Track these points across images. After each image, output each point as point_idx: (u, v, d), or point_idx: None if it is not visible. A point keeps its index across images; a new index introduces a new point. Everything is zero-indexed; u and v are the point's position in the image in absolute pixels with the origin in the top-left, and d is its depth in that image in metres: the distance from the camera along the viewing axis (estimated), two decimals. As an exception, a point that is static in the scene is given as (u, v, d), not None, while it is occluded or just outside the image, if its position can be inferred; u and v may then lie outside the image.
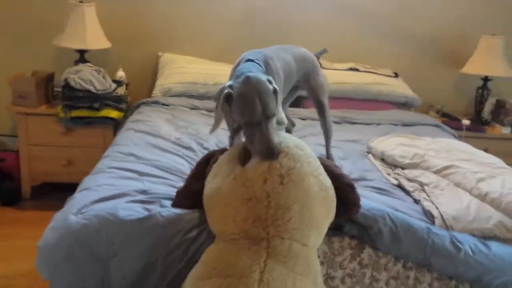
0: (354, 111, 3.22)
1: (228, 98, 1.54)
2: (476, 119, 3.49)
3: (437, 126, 3.15)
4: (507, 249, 1.67)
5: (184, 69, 3.26)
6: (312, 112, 3.14)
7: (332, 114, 3.12)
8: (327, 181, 1.56)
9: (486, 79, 3.46)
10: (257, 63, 1.69)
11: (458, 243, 1.64)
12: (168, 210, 1.63)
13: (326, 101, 2.24)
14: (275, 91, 1.55)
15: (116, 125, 3.01)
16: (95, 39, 3.18)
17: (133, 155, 2.13)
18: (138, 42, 3.46)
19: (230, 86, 1.54)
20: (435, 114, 3.58)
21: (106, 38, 3.26)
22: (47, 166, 3.04)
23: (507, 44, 3.41)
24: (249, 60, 1.69)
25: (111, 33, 3.30)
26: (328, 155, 2.29)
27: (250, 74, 1.53)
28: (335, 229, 1.66)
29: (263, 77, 1.54)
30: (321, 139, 2.70)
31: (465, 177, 1.99)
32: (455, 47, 3.62)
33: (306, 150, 1.59)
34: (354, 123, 3.10)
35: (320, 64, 2.95)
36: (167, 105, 3.02)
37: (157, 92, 3.18)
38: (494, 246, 1.67)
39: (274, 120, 1.55)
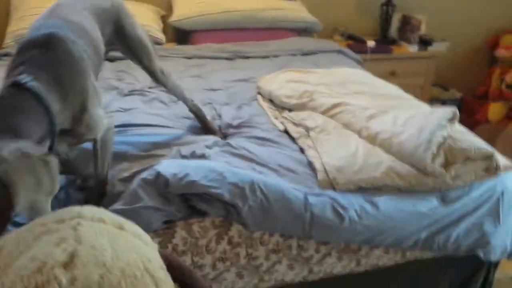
0: (248, 43, 2.84)
1: None
2: (382, 39, 3.22)
3: (339, 52, 2.85)
4: (397, 204, 1.43)
5: (41, 10, 2.69)
6: (201, 49, 2.76)
7: (222, 49, 2.77)
8: None
9: (389, -7, 3.15)
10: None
11: (341, 210, 1.37)
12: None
13: (154, 63, 1.70)
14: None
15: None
16: None
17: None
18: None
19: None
20: (340, 37, 3.28)
21: None
22: None
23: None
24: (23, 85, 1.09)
25: None
26: (196, 109, 1.89)
27: None
28: (195, 213, 1.35)
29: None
30: (206, 82, 2.35)
31: (355, 115, 1.72)
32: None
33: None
34: (248, 57, 2.73)
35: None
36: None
37: (8, 40, 2.63)
38: (383, 203, 1.42)
39: None
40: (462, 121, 1.48)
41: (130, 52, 1.68)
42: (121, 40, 1.64)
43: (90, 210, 0.75)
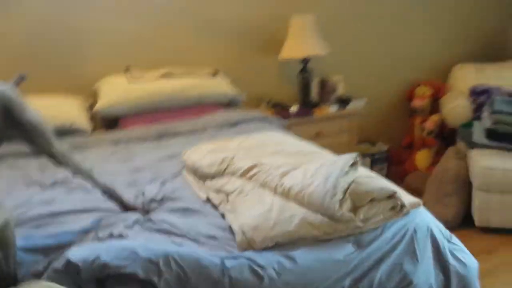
0: (175, 123, 2.92)
1: None
2: (304, 103, 3.40)
3: (264, 119, 2.98)
4: (314, 255, 1.45)
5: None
6: (128, 133, 2.80)
7: (149, 129, 2.82)
8: None
9: (305, 60, 3.37)
10: None
11: (259, 269, 1.38)
12: None
13: (54, 147, 1.72)
14: None
15: None
16: None
17: None
18: None
19: None
20: (266, 106, 3.43)
21: None
22: None
23: (318, 20, 3.34)
24: None
25: None
26: (106, 188, 1.88)
27: None
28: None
29: None
30: (132, 164, 2.38)
31: (269, 174, 1.78)
32: (270, 33, 3.48)
33: None
34: (176, 135, 2.80)
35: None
36: None
37: None
38: (300, 256, 1.44)
39: None
40: (392, 171, 1.58)
41: (27, 139, 1.69)
42: (13, 127, 1.63)
43: None
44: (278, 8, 3.45)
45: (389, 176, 2.94)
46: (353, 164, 1.61)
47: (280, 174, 1.75)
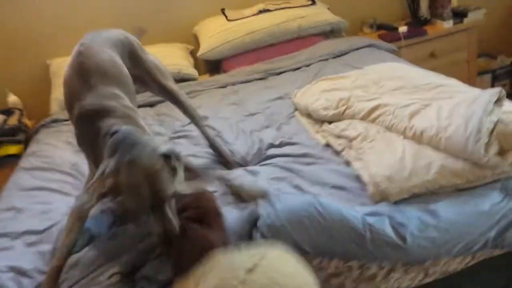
0: (278, 59, 2.82)
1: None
2: (414, 21, 3.09)
3: (371, 45, 2.77)
4: (458, 207, 1.33)
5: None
6: (234, 75, 2.77)
7: (254, 70, 2.77)
8: None
9: (413, -27, 3.03)
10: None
11: (400, 228, 1.29)
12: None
13: (171, 83, 1.89)
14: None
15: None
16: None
17: (14, 208, 1.78)
18: (21, 58, 2.99)
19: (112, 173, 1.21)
20: (370, 29, 3.18)
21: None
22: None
23: None
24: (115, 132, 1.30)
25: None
26: (210, 141, 1.92)
27: (134, 154, 1.20)
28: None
29: (153, 154, 1.22)
30: (244, 108, 2.35)
31: (395, 115, 1.65)
32: None
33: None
34: (281, 72, 2.71)
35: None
36: (67, 120, 2.63)
37: (54, 107, 2.77)
38: (443, 211, 1.32)
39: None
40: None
41: (149, 77, 1.83)
42: (137, 66, 1.80)
43: None
44: None
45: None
46: (498, 101, 1.42)
47: (408, 115, 1.61)
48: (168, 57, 2.81)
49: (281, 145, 1.90)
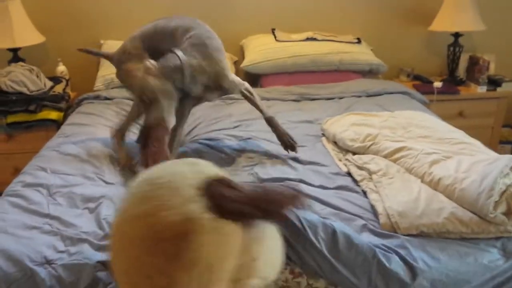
0: (314, 86, 2.96)
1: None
2: (450, 79, 3.22)
3: (405, 93, 2.90)
4: (459, 257, 1.43)
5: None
6: (270, 92, 2.91)
7: (290, 91, 2.91)
8: None
9: (456, 35, 3.17)
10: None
11: (409, 260, 1.41)
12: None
13: (245, 87, 2.15)
14: None
15: (59, 126, 2.80)
16: (25, 35, 2.93)
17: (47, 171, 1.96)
18: (76, 32, 3.19)
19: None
20: (406, 78, 3.32)
21: (39, 33, 3.00)
22: (-6, 175, 2.85)
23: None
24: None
25: (44, 26, 3.04)
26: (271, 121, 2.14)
27: None
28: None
29: None
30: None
31: (417, 160, 1.77)
32: (420, 3, 3.30)
33: None
34: (314, 99, 2.85)
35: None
36: (110, 99, 2.79)
37: (99, 84, 2.95)
38: (446, 255, 1.43)
39: None
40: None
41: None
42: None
43: None
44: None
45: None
46: (514, 166, 1.54)
47: (430, 162, 1.73)
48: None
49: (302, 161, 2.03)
